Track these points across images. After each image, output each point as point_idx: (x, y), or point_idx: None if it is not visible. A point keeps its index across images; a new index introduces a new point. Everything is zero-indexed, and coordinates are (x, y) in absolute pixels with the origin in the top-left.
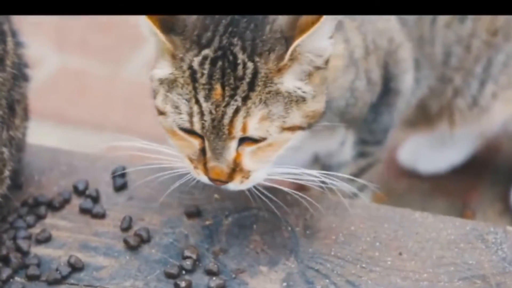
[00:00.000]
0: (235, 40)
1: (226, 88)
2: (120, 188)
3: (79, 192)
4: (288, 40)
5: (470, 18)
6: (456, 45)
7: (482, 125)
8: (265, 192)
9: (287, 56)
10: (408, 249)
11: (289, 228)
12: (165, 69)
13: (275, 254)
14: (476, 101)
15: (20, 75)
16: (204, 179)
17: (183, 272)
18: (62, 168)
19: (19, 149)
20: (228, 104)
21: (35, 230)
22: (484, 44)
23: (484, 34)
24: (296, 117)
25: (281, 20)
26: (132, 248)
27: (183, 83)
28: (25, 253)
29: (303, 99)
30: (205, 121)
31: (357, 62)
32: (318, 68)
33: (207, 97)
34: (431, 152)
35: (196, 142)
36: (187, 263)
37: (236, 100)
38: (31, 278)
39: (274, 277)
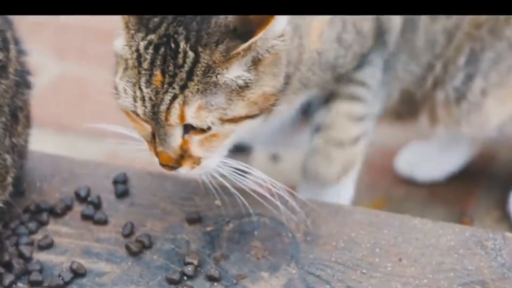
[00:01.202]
0: (180, 29)
1: (166, 75)
2: (121, 194)
3: (81, 199)
4: (244, 34)
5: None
6: (440, 34)
7: (475, 124)
8: (266, 199)
9: (243, 46)
10: (408, 255)
11: (290, 234)
12: (121, 40)
13: (276, 260)
14: (464, 95)
15: (22, 83)
16: (157, 162)
17: (185, 278)
18: (64, 174)
19: (21, 156)
20: (166, 91)
21: (37, 236)
22: (465, 35)
23: (467, 27)
24: (238, 108)
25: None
26: (134, 254)
27: (132, 66)
28: (27, 259)
29: (246, 86)
30: (146, 107)
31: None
32: (273, 48)
33: (148, 83)
34: (428, 161)
35: (147, 126)
36: (189, 269)
37: (174, 88)
38: (34, 284)
39: (275, 283)
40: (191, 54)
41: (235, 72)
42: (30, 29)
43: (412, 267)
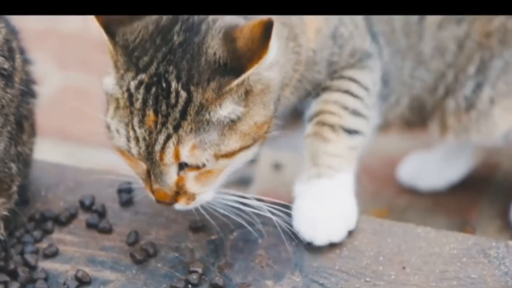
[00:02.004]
0: (170, 68)
1: (159, 115)
2: (126, 203)
3: (86, 207)
4: (235, 68)
5: (466, 21)
6: (450, 42)
7: (483, 132)
8: (270, 208)
9: (236, 82)
10: (412, 264)
11: (294, 243)
12: (111, 79)
13: (280, 268)
14: (473, 104)
15: (28, 92)
16: (152, 198)
17: (189, 286)
18: (68, 183)
19: (26, 164)
20: (160, 131)
21: (42, 244)
22: (476, 44)
23: (477, 36)
24: (232, 142)
25: (218, 49)
26: (138, 262)
27: (123, 106)
28: (32, 268)
29: (238, 119)
30: (140, 147)
31: None
32: (264, 78)
33: (141, 123)
34: (430, 170)
35: (142, 163)
36: (193, 277)
37: (167, 128)
38: None
39: None
40: (183, 93)
41: (228, 108)
42: (33, 39)
43: (416, 275)
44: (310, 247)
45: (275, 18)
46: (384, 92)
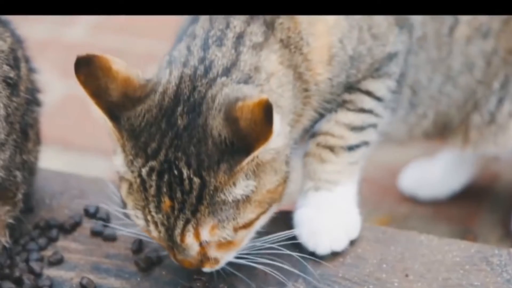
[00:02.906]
0: (179, 154)
1: (175, 201)
2: None
3: (90, 215)
4: (243, 148)
5: (492, 35)
6: (478, 58)
7: (500, 145)
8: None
9: (246, 160)
10: (415, 271)
11: (297, 250)
12: (120, 160)
13: (284, 276)
14: (494, 118)
15: (33, 100)
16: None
17: None
18: (73, 192)
19: (31, 172)
20: (178, 217)
21: (47, 252)
22: (501, 61)
23: (502, 52)
24: (248, 213)
25: (221, 130)
26: (143, 270)
27: (137, 190)
28: (38, 275)
29: (251, 191)
30: (160, 231)
31: (359, 21)
32: (272, 149)
33: (157, 209)
34: (431, 179)
35: None
36: (197, 285)
37: (185, 213)
38: None
39: None
40: (196, 180)
41: (241, 185)
42: (36, 48)
43: (419, 282)
44: (314, 255)
45: (279, 63)
46: (413, 101)
